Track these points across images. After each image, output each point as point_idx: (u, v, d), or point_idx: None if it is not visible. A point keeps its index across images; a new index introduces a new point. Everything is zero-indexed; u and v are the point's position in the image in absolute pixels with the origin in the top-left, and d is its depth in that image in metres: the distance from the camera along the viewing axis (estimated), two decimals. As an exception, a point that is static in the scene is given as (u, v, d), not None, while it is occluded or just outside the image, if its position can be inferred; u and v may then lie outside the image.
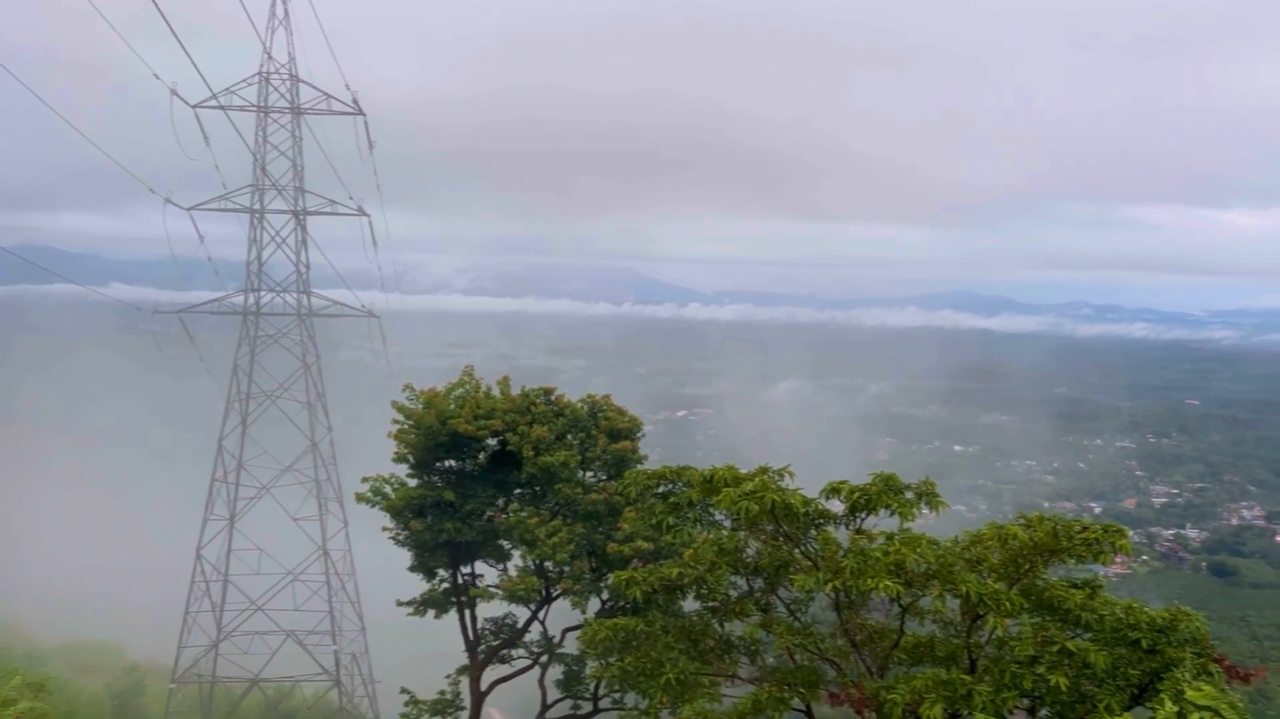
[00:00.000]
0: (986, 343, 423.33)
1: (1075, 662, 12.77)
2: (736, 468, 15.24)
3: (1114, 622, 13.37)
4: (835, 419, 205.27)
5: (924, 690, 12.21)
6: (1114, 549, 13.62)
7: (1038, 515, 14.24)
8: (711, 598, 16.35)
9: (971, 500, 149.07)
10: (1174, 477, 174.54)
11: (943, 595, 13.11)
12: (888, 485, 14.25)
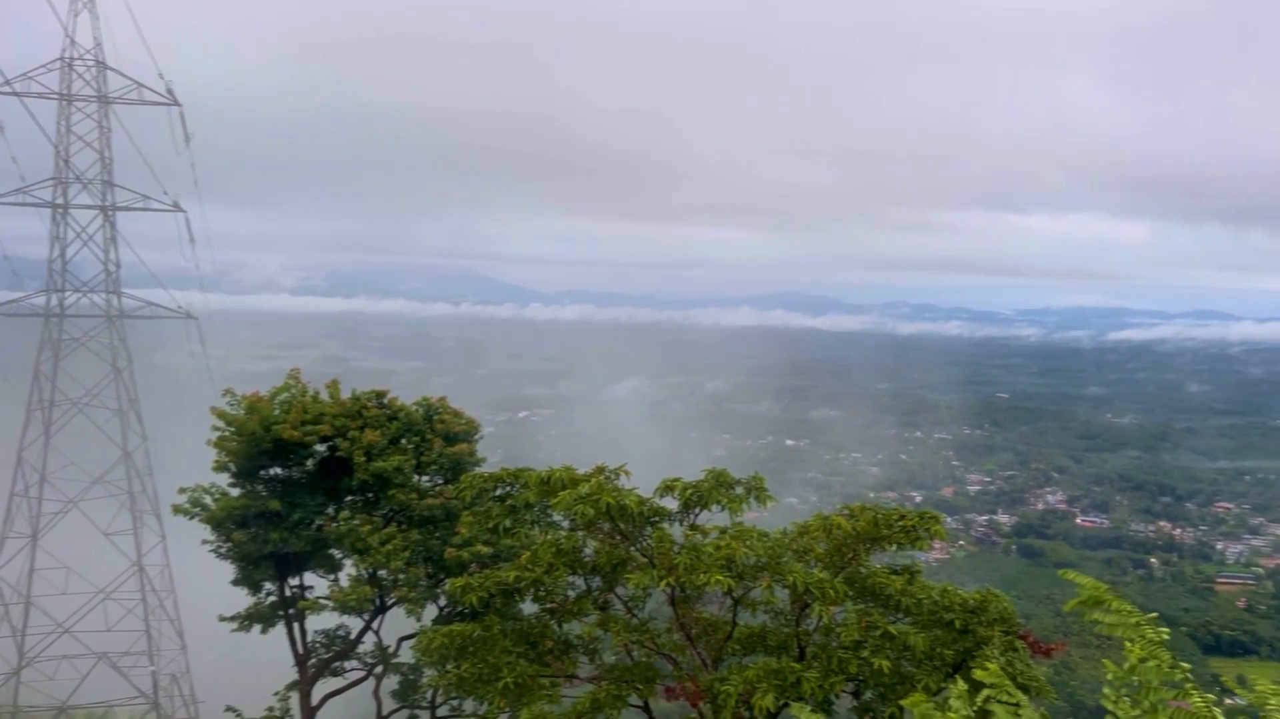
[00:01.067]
0: (815, 341, 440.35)
1: (896, 644, 13.42)
2: (574, 469, 15.23)
3: (930, 605, 14.13)
4: (674, 417, 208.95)
5: (756, 680, 12.56)
6: (930, 535, 14.40)
7: (860, 505, 14.89)
8: (549, 599, 16.30)
9: (803, 492, 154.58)
10: (986, 465, 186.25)
11: (771, 586, 13.53)
12: (719, 482, 14.57)
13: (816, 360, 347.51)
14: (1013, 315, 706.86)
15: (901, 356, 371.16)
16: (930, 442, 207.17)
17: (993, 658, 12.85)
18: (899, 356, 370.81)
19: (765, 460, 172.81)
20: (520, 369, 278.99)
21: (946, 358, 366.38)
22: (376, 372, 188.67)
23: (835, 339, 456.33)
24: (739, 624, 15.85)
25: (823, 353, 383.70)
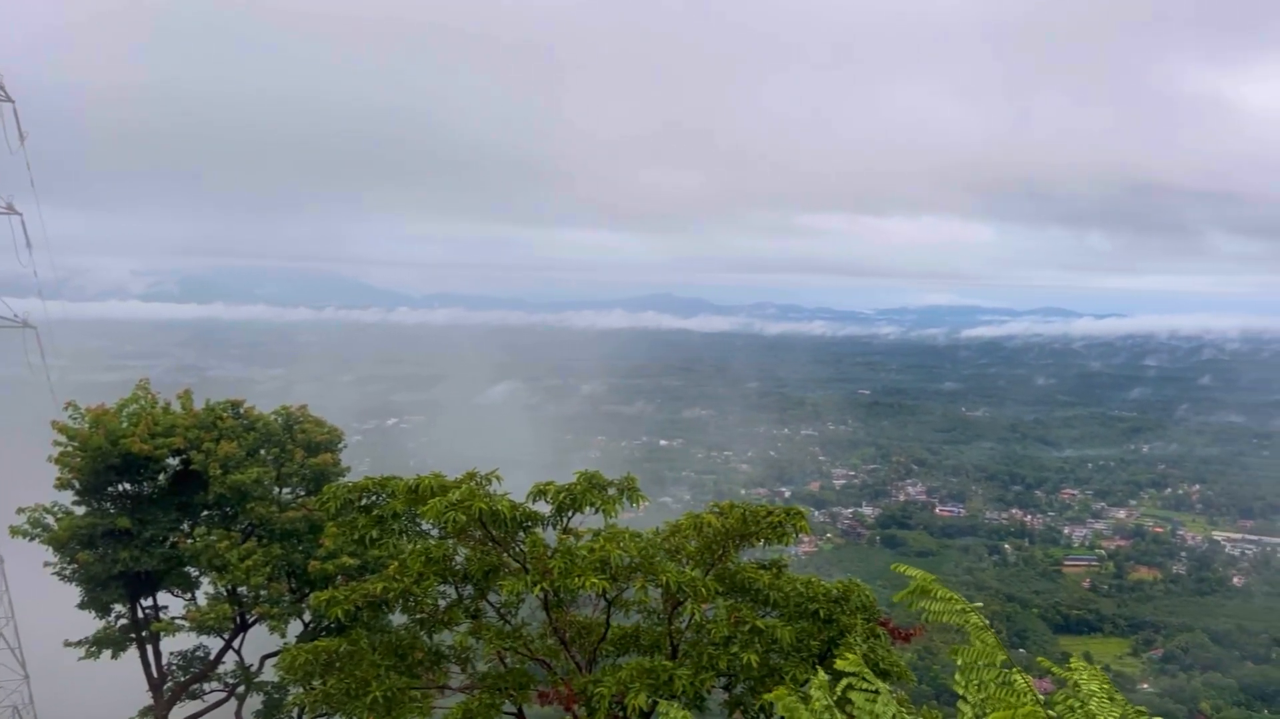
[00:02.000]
0: (686, 342, 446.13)
1: (764, 638, 13.71)
2: (443, 476, 14.98)
3: (797, 597, 14.49)
4: (549, 420, 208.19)
5: (629, 680, 12.62)
6: (796, 530, 14.77)
7: (729, 503, 15.14)
8: (419, 610, 15.97)
9: (677, 492, 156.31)
10: (851, 460, 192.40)
11: (645, 586, 13.61)
12: (592, 484, 14.58)
13: (688, 361, 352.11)
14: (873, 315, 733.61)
15: (769, 356, 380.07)
16: (798, 438, 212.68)
17: (855, 646, 13.31)
18: (767, 356, 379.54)
19: (640, 461, 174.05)
20: (389, 375, 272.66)
21: (812, 356, 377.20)
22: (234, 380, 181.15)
23: (705, 339, 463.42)
24: (613, 625, 15.89)
25: (694, 353, 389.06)
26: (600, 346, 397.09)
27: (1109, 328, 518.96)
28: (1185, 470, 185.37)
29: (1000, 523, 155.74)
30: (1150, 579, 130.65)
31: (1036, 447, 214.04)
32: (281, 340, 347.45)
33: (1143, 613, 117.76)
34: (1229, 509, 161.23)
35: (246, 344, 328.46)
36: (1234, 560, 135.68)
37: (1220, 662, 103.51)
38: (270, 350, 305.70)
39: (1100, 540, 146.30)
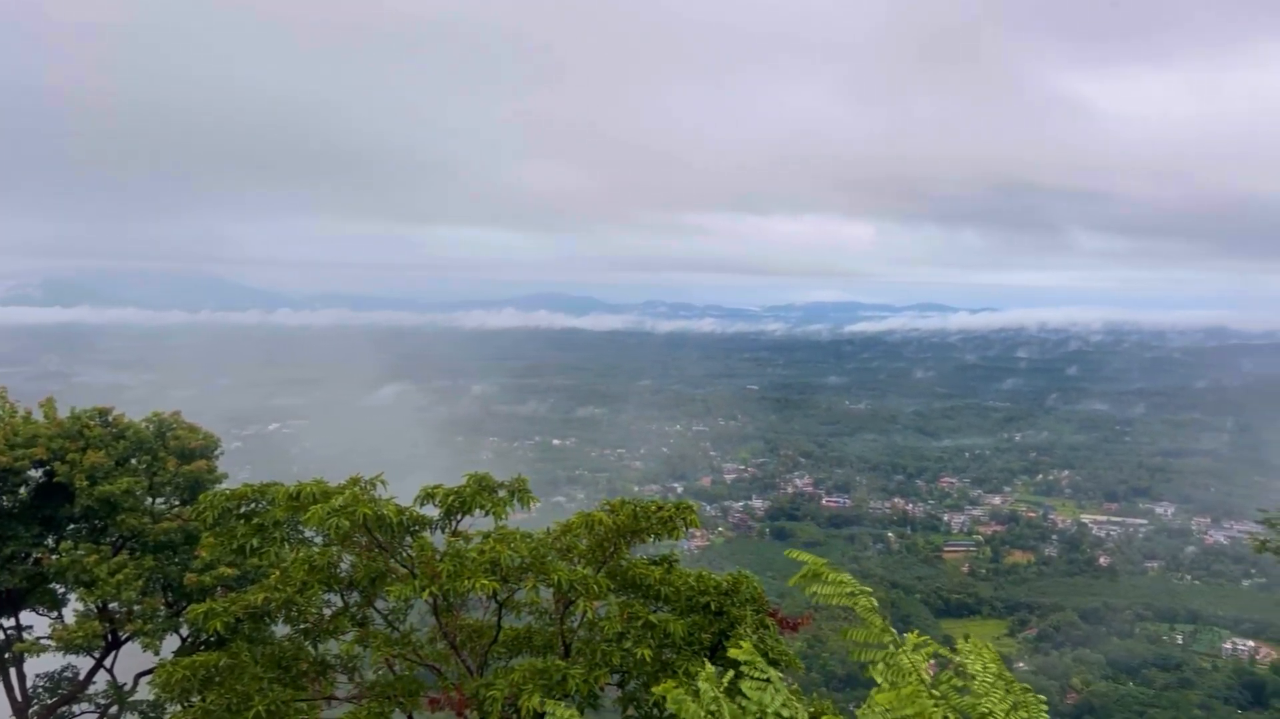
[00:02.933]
0: (578, 340, 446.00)
1: (657, 633, 13.78)
2: (325, 482, 14.57)
3: (688, 591, 14.61)
4: (440, 422, 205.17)
5: (521, 682, 12.51)
6: (686, 524, 14.88)
7: (620, 500, 15.16)
8: (303, 619, 15.50)
9: (570, 491, 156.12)
10: (741, 454, 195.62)
11: (536, 587, 13.52)
12: (481, 486, 14.40)
13: (581, 359, 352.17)
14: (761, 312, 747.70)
15: (661, 353, 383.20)
16: (690, 434, 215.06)
17: (746, 637, 13.51)
18: (659, 353, 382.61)
19: (533, 461, 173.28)
20: (270, 378, 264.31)
21: (702, 353, 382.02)
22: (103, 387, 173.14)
23: (597, 338, 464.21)
24: (505, 627, 15.75)
25: (586, 352, 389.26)
26: (492, 346, 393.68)
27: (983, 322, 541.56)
28: (1055, 457, 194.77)
29: (884, 512, 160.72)
30: (1024, 562, 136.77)
31: (917, 437, 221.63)
32: (153, 344, 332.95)
33: (1018, 594, 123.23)
34: (1095, 493, 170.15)
35: (116, 349, 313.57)
36: (1100, 542, 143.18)
37: (1089, 638, 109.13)
38: (141, 355, 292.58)
39: (977, 526, 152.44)
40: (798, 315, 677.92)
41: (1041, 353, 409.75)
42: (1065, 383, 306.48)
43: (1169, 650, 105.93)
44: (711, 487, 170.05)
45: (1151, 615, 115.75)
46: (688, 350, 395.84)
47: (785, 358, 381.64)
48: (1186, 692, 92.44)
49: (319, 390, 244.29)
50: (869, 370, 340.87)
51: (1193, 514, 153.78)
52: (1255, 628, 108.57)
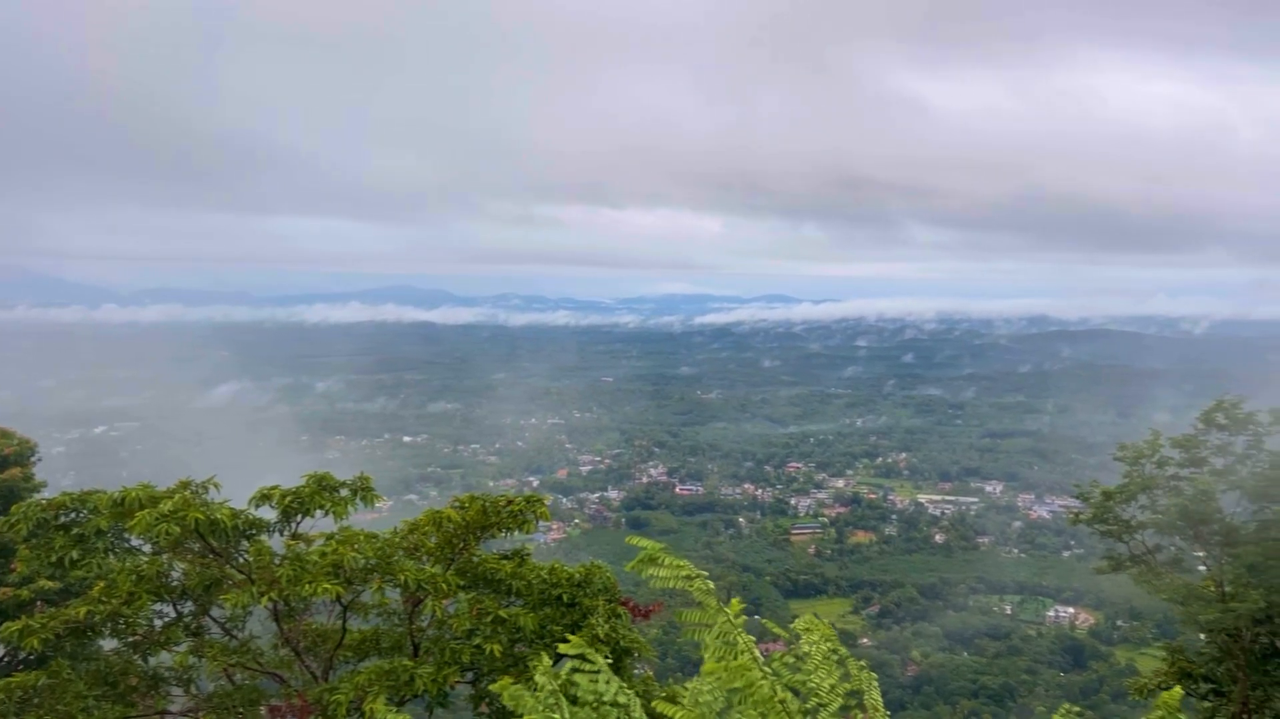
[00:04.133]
0: (429, 334, 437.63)
1: (508, 628, 13.73)
2: (152, 486, 13.81)
3: (540, 585, 14.61)
4: (282, 421, 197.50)
5: (367, 684, 12.24)
6: (536, 517, 14.87)
7: (469, 496, 15.01)
8: (132, 632, 14.66)
9: (423, 488, 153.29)
10: (596, 446, 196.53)
11: (382, 587, 13.23)
12: (321, 485, 13.96)
13: (432, 354, 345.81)
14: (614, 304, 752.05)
15: (514, 347, 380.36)
16: (544, 427, 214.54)
17: (597, 627, 13.63)
18: (512, 347, 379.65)
19: (383, 459, 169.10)
20: (96, 378, 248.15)
21: (556, 346, 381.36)
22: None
23: (449, 332, 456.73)
24: (351, 630, 15.34)
25: (437, 346, 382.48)
26: (337, 341, 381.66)
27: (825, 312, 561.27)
28: (893, 441, 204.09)
29: (735, 498, 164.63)
30: (866, 542, 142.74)
31: (765, 424, 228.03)
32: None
33: (861, 573, 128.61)
34: (930, 474, 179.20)
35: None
36: (936, 520, 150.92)
37: (927, 612, 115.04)
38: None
39: (823, 509, 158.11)
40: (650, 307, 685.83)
41: (880, 341, 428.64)
42: (902, 370, 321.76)
43: (999, 621, 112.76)
44: (568, 479, 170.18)
45: (983, 588, 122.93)
46: (542, 343, 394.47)
47: (639, 349, 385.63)
48: (1015, 658, 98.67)
49: (149, 391, 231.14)
50: (719, 360, 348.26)
51: (1018, 491, 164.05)
52: (1075, 596, 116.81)
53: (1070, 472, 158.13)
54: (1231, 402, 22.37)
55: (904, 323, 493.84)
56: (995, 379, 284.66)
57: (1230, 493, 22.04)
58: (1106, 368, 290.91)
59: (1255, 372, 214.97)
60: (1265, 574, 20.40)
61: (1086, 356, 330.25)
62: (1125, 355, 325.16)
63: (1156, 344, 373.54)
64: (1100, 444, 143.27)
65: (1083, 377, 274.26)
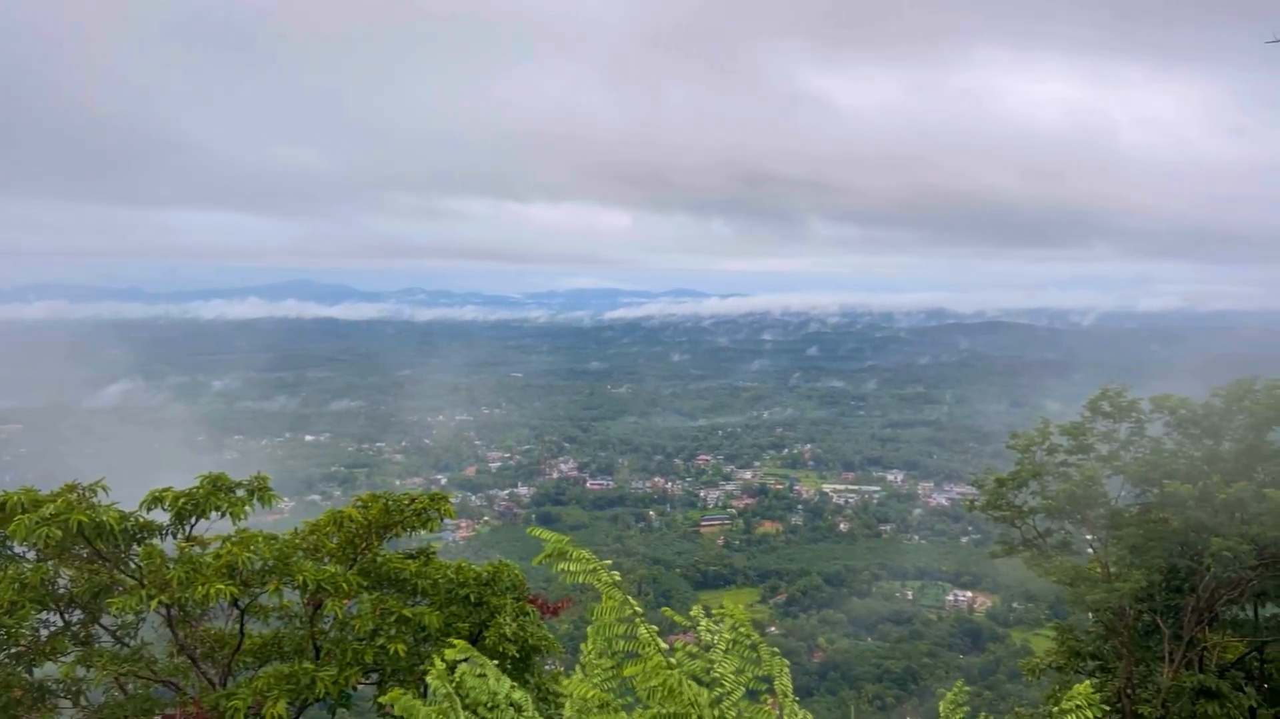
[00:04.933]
0: (332, 331, 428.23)
1: (412, 627, 13.55)
2: (35, 490, 13.21)
3: (446, 584, 14.46)
4: (177, 421, 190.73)
5: (266, 689, 11.94)
6: (441, 515, 14.71)
7: (371, 495, 14.76)
8: (14, 643, 13.99)
9: (327, 488, 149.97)
10: (505, 442, 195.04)
11: (280, 589, 12.92)
12: (216, 486, 13.55)
13: (335, 350, 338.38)
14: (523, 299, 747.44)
15: (421, 343, 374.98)
16: (452, 424, 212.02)
17: (505, 625, 13.56)
18: (419, 343, 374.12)
19: (284, 459, 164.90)
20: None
21: (464, 342, 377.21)
22: None
23: (353, 328, 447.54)
24: (250, 634, 14.93)
25: (341, 342, 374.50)
26: (234, 338, 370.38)
27: (732, 306, 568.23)
28: (799, 432, 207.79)
29: (645, 491, 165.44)
30: (774, 532, 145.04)
31: (675, 418, 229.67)
32: None
33: (768, 563, 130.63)
34: (834, 464, 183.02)
35: None
36: (840, 509, 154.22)
37: (832, 600, 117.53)
38: None
39: (731, 500, 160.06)
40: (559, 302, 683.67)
41: (785, 335, 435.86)
42: (806, 363, 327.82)
43: (901, 606, 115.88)
44: (477, 476, 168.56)
45: (886, 575, 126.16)
46: (449, 339, 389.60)
47: (548, 344, 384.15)
48: (917, 643, 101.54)
49: (33, 392, 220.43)
50: (629, 355, 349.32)
51: (919, 480, 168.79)
52: (973, 580, 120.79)
53: (967, 460, 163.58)
54: (1115, 390, 23.43)
55: (808, 317, 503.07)
56: (896, 371, 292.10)
57: (1115, 478, 23.10)
58: (1001, 359, 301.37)
59: (1138, 361, 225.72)
60: (1146, 554, 21.44)
61: (982, 348, 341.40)
62: (1018, 347, 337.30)
63: (1047, 336, 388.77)
64: (995, 433, 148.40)
65: (978, 368, 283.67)
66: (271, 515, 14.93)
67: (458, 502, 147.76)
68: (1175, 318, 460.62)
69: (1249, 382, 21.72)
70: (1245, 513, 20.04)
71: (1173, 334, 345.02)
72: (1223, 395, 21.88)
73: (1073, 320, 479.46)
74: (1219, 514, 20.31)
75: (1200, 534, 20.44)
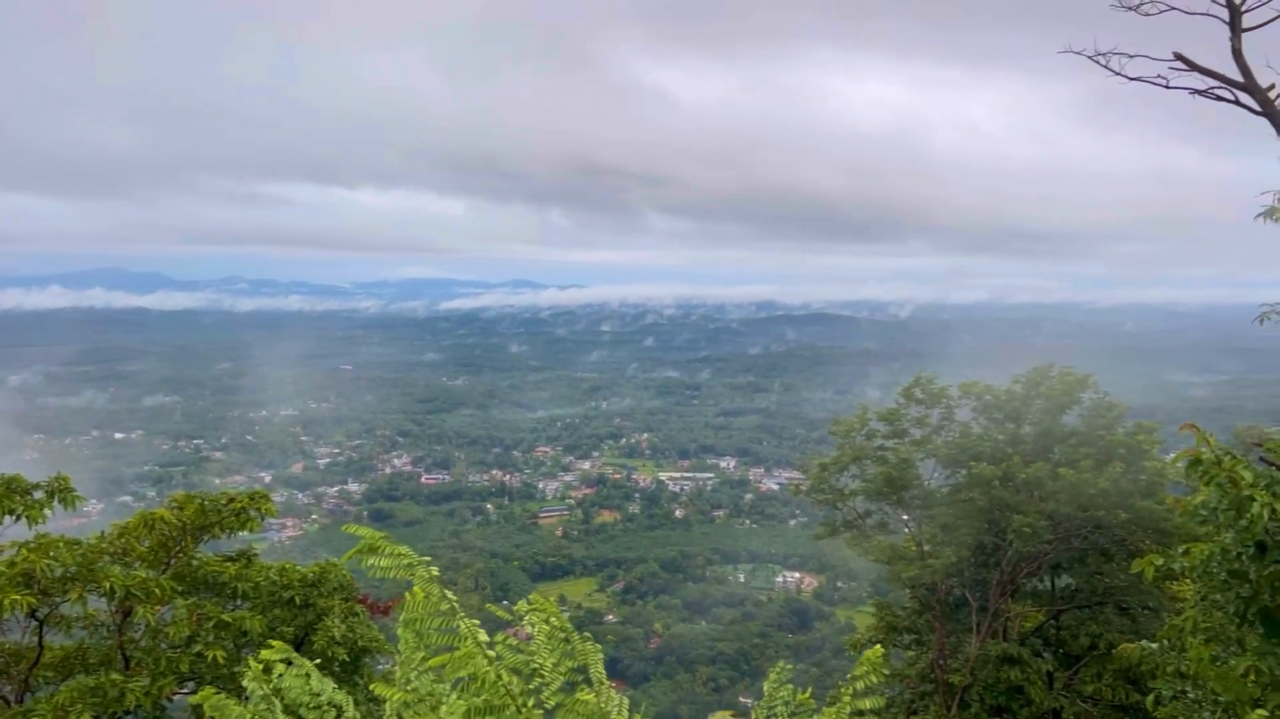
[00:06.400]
0: (144, 321, 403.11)
1: (232, 633, 12.94)
2: None
3: (269, 586, 13.90)
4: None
5: (68, 704, 11.16)
6: (262, 515, 14.11)
7: (185, 495, 14.02)
8: None
9: (139, 488, 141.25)
10: (335, 437, 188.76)
11: (84, 597, 12.09)
12: (9, 488, 12.53)
13: (147, 343, 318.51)
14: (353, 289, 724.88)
15: (243, 334, 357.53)
16: (277, 419, 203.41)
17: (333, 628, 13.16)
18: (240, 334, 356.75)
19: (90, 459, 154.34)
20: None
21: (289, 333, 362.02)
22: None
23: (167, 318, 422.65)
24: (51, 646, 13.89)
25: (154, 334, 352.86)
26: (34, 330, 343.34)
27: (571, 297, 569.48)
28: (636, 422, 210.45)
29: (483, 484, 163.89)
30: (611, 521, 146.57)
31: (513, 410, 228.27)
32: None
33: (607, 552, 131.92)
34: (670, 452, 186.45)
35: None
36: (676, 496, 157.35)
37: (668, 585, 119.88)
38: None
39: (570, 491, 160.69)
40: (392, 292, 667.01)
41: (622, 326, 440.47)
42: (644, 353, 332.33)
43: (734, 589, 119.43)
44: (304, 473, 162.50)
45: (719, 559, 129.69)
46: (273, 330, 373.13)
47: (380, 336, 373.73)
48: (749, 624, 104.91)
49: None
50: (466, 347, 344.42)
51: (750, 466, 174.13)
52: (800, 561, 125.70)
53: (795, 446, 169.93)
54: (927, 377, 24.85)
55: (645, 308, 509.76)
56: (728, 361, 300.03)
57: (927, 461, 24.52)
58: (826, 349, 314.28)
59: (951, 350, 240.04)
60: (956, 532, 22.87)
61: (808, 339, 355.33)
62: (842, 337, 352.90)
63: (869, 327, 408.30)
64: (821, 420, 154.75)
65: (805, 357, 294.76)
66: (76, 519, 13.94)
67: (283, 500, 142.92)
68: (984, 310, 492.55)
69: (1045, 369, 23.46)
70: (1043, 491, 21.65)
71: (981, 325, 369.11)
72: (1023, 382, 23.54)
73: (891, 312, 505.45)
74: (1020, 493, 21.89)
75: (1004, 512, 21.94)
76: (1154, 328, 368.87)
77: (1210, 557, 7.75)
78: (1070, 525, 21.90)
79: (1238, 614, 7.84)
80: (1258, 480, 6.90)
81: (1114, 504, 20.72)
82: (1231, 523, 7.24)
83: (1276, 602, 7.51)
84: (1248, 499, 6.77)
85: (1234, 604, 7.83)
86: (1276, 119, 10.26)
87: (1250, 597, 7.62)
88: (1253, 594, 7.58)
